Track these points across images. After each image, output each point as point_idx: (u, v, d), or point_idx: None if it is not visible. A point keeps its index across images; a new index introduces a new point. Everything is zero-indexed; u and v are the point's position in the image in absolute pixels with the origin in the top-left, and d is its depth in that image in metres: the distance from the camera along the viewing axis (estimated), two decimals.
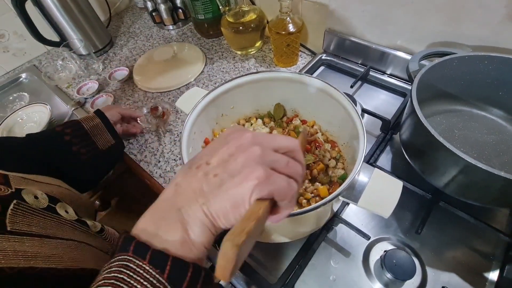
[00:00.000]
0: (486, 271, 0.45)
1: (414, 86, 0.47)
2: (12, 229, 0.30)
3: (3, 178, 0.36)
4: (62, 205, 0.39)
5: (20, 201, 0.33)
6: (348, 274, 0.46)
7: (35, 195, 0.36)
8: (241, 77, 0.49)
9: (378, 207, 0.34)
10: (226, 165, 0.23)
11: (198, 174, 0.23)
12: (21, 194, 0.34)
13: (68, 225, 0.36)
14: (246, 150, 0.23)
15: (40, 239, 0.31)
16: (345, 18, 0.74)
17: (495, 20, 0.54)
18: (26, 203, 0.33)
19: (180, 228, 0.22)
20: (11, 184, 0.35)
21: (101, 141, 0.56)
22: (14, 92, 0.93)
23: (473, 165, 0.37)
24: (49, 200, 0.37)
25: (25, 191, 0.35)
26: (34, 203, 0.35)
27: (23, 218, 0.32)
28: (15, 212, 0.31)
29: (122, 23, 1.14)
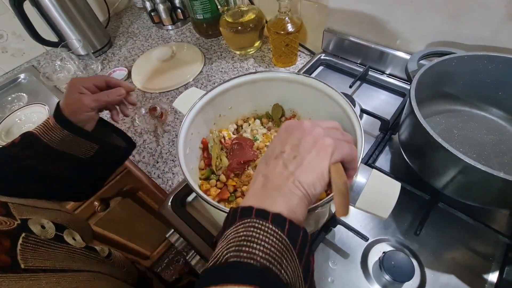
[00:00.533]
0: (486, 272, 0.45)
1: (413, 86, 0.47)
2: (26, 266, 0.28)
3: (3, 207, 0.33)
4: (69, 232, 0.37)
5: (29, 234, 0.31)
6: (347, 276, 0.46)
7: (42, 224, 0.34)
8: (239, 77, 0.49)
9: (376, 209, 0.33)
10: (299, 147, 0.28)
11: (278, 162, 0.28)
12: (27, 225, 0.32)
13: (78, 254, 0.34)
14: (311, 132, 0.29)
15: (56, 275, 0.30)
16: (344, 17, 0.74)
17: (495, 20, 0.53)
18: (34, 235, 0.31)
19: (283, 202, 0.26)
20: (13, 214, 0.33)
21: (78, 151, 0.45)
22: (13, 92, 0.93)
23: (472, 166, 0.37)
24: (55, 229, 0.35)
25: (31, 221, 0.33)
26: (42, 233, 0.33)
27: (34, 253, 0.30)
28: (25, 247, 0.29)
29: (121, 23, 1.14)
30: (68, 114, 0.42)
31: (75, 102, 0.43)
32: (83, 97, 0.43)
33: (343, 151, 0.28)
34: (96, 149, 0.46)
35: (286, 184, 0.27)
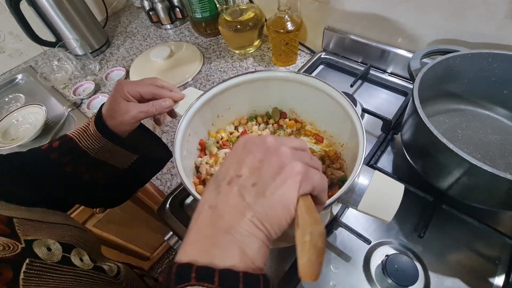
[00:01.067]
0: (491, 276, 0.43)
1: (416, 85, 0.45)
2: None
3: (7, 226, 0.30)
4: (77, 252, 0.34)
5: (33, 259, 0.28)
6: (349, 280, 0.45)
7: (48, 246, 0.31)
8: (237, 76, 0.48)
9: (379, 212, 0.32)
10: (261, 172, 0.22)
11: (232, 189, 0.22)
12: (32, 248, 0.29)
13: (85, 277, 0.32)
14: (276, 152, 0.23)
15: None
16: (345, 15, 0.73)
17: (499, 16, 0.52)
18: (39, 260, 0.29)
19: (237, 250, 0.20)
20: (18, 234, 0.30)
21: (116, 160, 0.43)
22: (10, 93, 0.92)
23: (478, 167, 0.36)
24: (62, 250, 0.32)
25: (36, 244, 0.30)
26: (48, 257, 0.30)
27: (39, 281, 0.27)
28: (28, 275, 0.26)
29: (119, 22, 1.13)
30: (111, 123, 0.40)
31: (121, 113, 0.39)
32: (132, 109, 0.39)
33: (314, 180, 0.23)
34: (135, 159, 0.44)
35: (242, 223, 0.20)
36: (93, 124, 0.40)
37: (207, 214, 0.22)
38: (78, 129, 0.41)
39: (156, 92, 0.42)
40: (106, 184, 0.43)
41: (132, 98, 0.41)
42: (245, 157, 0.23)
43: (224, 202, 0.22)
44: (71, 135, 0.40)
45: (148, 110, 0.41)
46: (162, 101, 0.42)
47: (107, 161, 0.41)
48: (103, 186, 0.43)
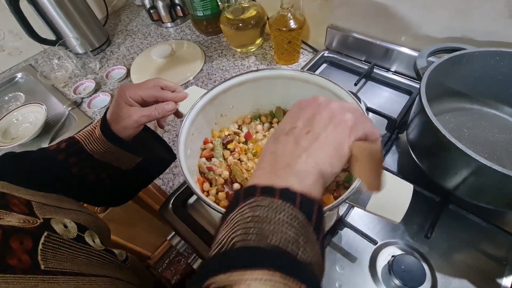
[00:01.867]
0: (499, 276, 0.43)
1: (423, 84, 0.45)
2: (45, 268, 0.27)
3: (27, 206, 0.32)
4: (90, 233, 0.36)
5: (51, 233, 0.30)
6: (354, 280, 0.44)
7: (65, 224, 0.33)
8: (241, 75, 0.47)
9: (387, 212, 0.32)
10: (313, 122, 0.25)
11: (289, 138, 0.25)
12: (50, 224, 0.31)
13: (97, 256, 0.33)
14: (327, 107, 0.26)
15: (74, 278, 0.29)
16: (348, 13, 0.72)
17: (505, 14, 0.51)
18: (56, 234, 0.31)
19: (295, 179, 0.23)
20: (36, 214, 0.32)
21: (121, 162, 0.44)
22: (10, 92, 0.91)
23: (486, 166, 0.35)
24: (77, 229, 0.34)
25: (54, 221, 0.32)
26: (64, 233, 0.32)
27: (55, 253, 0.29)
28: (46, 246, 0.28)
29: (120, 21, 1.12)
30: (116, 128, 0.40)
31: (124, 118, 0.40)
32: (133, 113, 0.40)
33: (365, 126, 0.25)
34: (138, 161, 0.45)
35: (298, 162, 0.23)
36: (99, 128, 0.41)
37: (268, 158, 0.25)
38: (85, 132, 0.42)
39: (158, 95, 0.42)
40: (111, 184, 0.44)
41: (135, 102, 0.41)
42: (300, 113, 0.26)
43: (282, 149, 0.25)
44: (78, 138, 0.41)
45: (151, 114, 0.41)
46: (165, 105, 0.42)
47: (112, 163, 0.42)
48: (108, 186, 0.44)
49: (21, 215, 0.30)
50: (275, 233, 0.20)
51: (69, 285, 0.28)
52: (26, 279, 0.25)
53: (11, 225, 0.28)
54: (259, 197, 0.22)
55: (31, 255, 0.27)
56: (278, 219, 0.20)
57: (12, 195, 0.33)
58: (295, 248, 0.19)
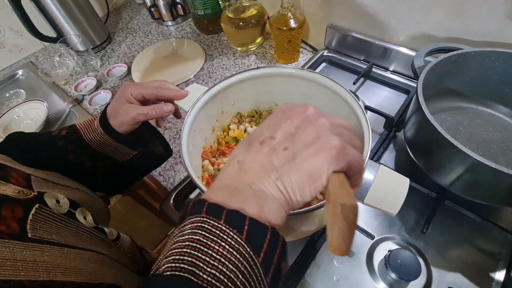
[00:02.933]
0: (493, 271, 0.44)
1: (420, 83, 0.46)
2: (32, 236, 0.28)
3: (25, 180, 0.34)
4: (82, 211, 0.37)
5: (42, 206, 0.31)
6: (352, 274, 0.45)
7: (57, 199, 0.34)
8: (242, 72, 0.48)
9: (385, 205, 0.33)
10: (294, 138, 0.22)
11: (263, 149, 0.22)
12: (43, 197, 0.33)
13: (86, 232, 0.34)
14: (314, 122, 0.22)
15: (60, 249, 0.29)
16: (348, 13, 0.73)
17: (501, 15, 0.53)
18: (47, 208, 0.32)
19: (255, 205, 0.20)
20: (33, 187, 0.34)
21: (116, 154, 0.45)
22: (11, 89, 0.91)
23: (481, 163, 0.37)
24: (69, 205, 0.35)
25: (47, 195, 0.33)
26: (56, 208, 0.33)
27: (43, 224, 0.30)
28: (36, 217, 0.29)
29: (121, 18, 1.13)
30: (113, 122, 0.42)
31: (122, 114, 0.42)
32: (131, 111, 0.42)
33: (352, 157, 0.22)
34: (134, 154, 0.46)
35: (265, 182, 0.21)
36: (98, 120, 0.43)
37: (233, 167, 0.22)
38: (85, 122, 0.44)
39: (159, 93, 0.44)
40: (105, 173, 0.46)
41: (135, 100, 0.43)
42: (283, 122, 0.23)
43: (251, 160, 0.22)
44: (78, 127, 0.43)
45: (148, 113, 0.43)
46: (164, 105, 0.44)
47: (108, 154, 0.44)
48: (102, 175, 0.46)
49: (17, 186, 0.32)
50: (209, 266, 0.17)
51: (54, 255, 0.28)
52: (12, 244, 0.26)
53: (4, 194, 0.29)
54: (204, 216, 0.19)
55: (20, 223, 0.28)
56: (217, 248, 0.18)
57: (13, 168, 0.34)
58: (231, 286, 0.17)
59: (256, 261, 0.18)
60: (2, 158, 0.35)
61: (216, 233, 0.18)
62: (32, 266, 0.26)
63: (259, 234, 0.19)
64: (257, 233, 0.19)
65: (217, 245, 0.18)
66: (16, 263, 0.25)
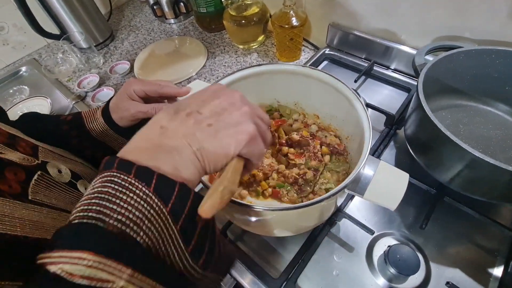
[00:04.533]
0: (491, 267, 0.44)
1: (421, 80, 0.46)
2: (33, 198, 0.30)
3: (32, 149, 0.36)
4: (83, 183, 0.39)
5: (44, 173, 0.33)
6: (352, 269, 0.46)
7: (59, 169, 0.36)
8: (244, 69, 0.49)
9: (384, 199, 0.33)
10: (219, 117, 0.24)
11: (188, 121, 0.24)
12: (46, 166, 0.35)
13: None
14: (239, 108, 0.25)
15: (58, 213, 0.31)
16: (349, 11, 0.73)
17: (503, 13, 0.53)
18: (49, 176, 0.34)
19: (169, 165, 0.22)
20: (38, 156, 0.35)
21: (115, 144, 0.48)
22: (14, 85, 0.92)
23: (480, 159, 0.37)
24: (71, 176, 0.37)
25: (50, 164, 0.35)
26: (57, 176, 0.35)
27: (45, 190, 0.32)
28: (38, 183, 0.31)
29: (123, 16, 1.13)
30: (114, 116, 0.44)
31: (123, 110, 0.44)
32: (131, 107, 0.43)
33: (255, 149, 0.25)
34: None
35: (185, 149, 0.22)
36: (100, 111, 0.45)
37: (155, 132, 0.24)
38: (89, 111, 0.46)
39: (161, 90, 0.44)
40: None
41: (137, 97, 0.44)
42: (211, 100, 0.25)
43: (175, 127, 0.23)
44: (82, 114, 0.46)
45: (148, 111, 0.44)
46: (164, 105, 0.45)
47: (107, 143, 0.46)
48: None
49: (23, 154, 0.33)
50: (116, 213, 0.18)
51: (52, 217, 0.30)
52: (12, 203, 0.27)
53: (9, 159, 0.31)
54: (114, 171, 0.20)
55: (22, 186, 0.29)
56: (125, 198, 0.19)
57: (22, 138, 0.36)
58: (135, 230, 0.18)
59: (164, 210, 0.20)
60: (12, 130, 0.37)
61: (124, 185, 0.20)
62: (29, 224, 0.27)
63: (168, 187, 0.20)
64: (165, 186, 0.20)
65: (125, 196, 0.19)
66: (14, 220, 0.26)
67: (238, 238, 0.51)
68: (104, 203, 0.19)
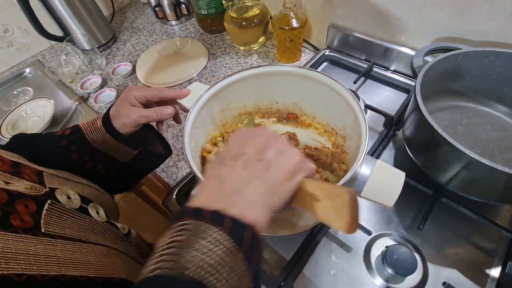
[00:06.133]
0: (488, 267, 0.45)
1: (418, 82, 0.47)
2: (46, 231, 0.28)
3: (37, 176, 0.35)
4: (94, 206, 0.37)
5: (54, 202, 0.32)
6: (349, 269, 0.46)
7: (68, 195, 0.35)
8: (243, 71, 0.49)
9: (381, 198, 0.34)
10: (264, 151, 0.25)
11: (238, 163, 0.24)
12: (55, 194, 0.33)
13: (99, 227, 0.35)
14: (277, 139, 0.26)
15: (72, 243, 0.30)
16: (349, 13, 0.74)
17: (502, 15, 0.53)
18: (60, 204, 0.32)
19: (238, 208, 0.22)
20: (45, 183, 0.34)
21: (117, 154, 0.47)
22: (18, 86, 0.94)
23: (477, 160, 0.37)
24: (81, 201, 0.36)
25: (58, 191, 0.34)
26: (67, 203, 0.34)
27: (57, 219, 0.30)
28: (49, 213, 0.30)
29: (125, 18, 1.14)
30: (116, 123, 0.44)
31: (124, 116, 0.44)
32: (133, 113, 0.43)
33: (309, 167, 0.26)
34: (134, 154, 0.46)
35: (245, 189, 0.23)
36: (101, 120, 0.44)
37: (213, 184, 0.24)
38: (88, 122, 0.45)
39: (161, 94, 0.45)
40: (106, 175, 0.46)
41: (138, 103, 0.44)
42: (248, 140, 0.26)
43: (229, 174, 0.24)
44: (81, 126, 0.44)
45: (149, 115, 0.44)
46: (164, 108, 0.46)
47: (109, 153, 0.45)
48: (104, 176, 0.46)
49: (30, 182, 0.32)
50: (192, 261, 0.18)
51: (67, 249, 0.29)
52: (26, 239, 0.26)
53: (17, 191, 0.29)
54: (189, 219, 0.21)
55: (34, 217, 0.28)
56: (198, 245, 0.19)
57: (25, 164, 0.35)
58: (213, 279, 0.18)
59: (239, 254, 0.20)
60: (14, 157, 0.36)
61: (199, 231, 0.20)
62: (45, 260, 0.26)
63: (240, 230, 0.21)
64: (238, 229, 0.21)
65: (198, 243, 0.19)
66: (29, 257, 0.25)
67: None
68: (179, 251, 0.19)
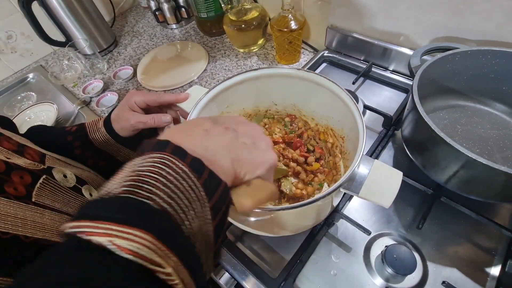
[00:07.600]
0: (488, 266, 0.45)
1: (415, 81, 0.47)
2: (36, 200, 0.31)
3: (39, 156, 0.37)
4: (88, 188, 0.40)
5: (49, 177, 0.34)
6: (349, 269, 0.47)
7: (65, 174, 0.38)
8: (242, 74, 0.50)
9: (378, 197, 0.34)
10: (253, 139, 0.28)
11: (228, 133, 0.27)
12: (51, 171, 0.36)
13: None
14: (265, 138, 0.30)
15: (60, 215, 0.32)
16: (348, 14, 0.74)
17: (499, 14, 0.53)
18: (54, 180, 0.35)
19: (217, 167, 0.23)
20: (45, 162, 0.37)
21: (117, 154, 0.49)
22: (22, 91, 0.95)
23: (475, 160, 0.37)
24: (76, 181, 0.38)
25: (55, 169, 0.37)
26: (62, 181, 0.36)
27: (49, 193, 0.33)
28: (43, 186, 0.33)
29: (126, 22, 1.16)
30: (115, 126, 0.46)
31: (123, 120, 0.46)
32: (132, 118, 0.45)
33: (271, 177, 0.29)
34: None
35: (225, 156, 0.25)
36: (102, 121, 0.47)
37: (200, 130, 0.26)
38: (92, 121, 0.48)
39: (160, 99, 0.47)
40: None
41: (138, 108, 0.46)
42: (240, 125, 0.29)
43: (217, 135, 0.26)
44: (85, 124, 0.48)
45: (147, 122, 0.46)
46: (163, 116, 0.47)
47: (109, 152, 0.48)
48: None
49: (30, 160, 0.35)
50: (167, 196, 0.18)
51: (54, 219, 0.31)
52: (16, 204, 0.28)
53: (15, 163, 0.32)
54: (170, 156, 0.21)
55: (28, 188, 0.31)
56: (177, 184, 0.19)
57: (30, 147, 0.38)
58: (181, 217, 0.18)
59: (206, 205, 0.21)
60: (23, 140, 0.39)
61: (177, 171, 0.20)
62: (31, 225, 0.29)
63: (214, 185, 0.22)
64: (212, 183, 0.22)
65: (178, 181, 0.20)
66: (16, 220, 0.28)
67: (237, 239, 0.52)
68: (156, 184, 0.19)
